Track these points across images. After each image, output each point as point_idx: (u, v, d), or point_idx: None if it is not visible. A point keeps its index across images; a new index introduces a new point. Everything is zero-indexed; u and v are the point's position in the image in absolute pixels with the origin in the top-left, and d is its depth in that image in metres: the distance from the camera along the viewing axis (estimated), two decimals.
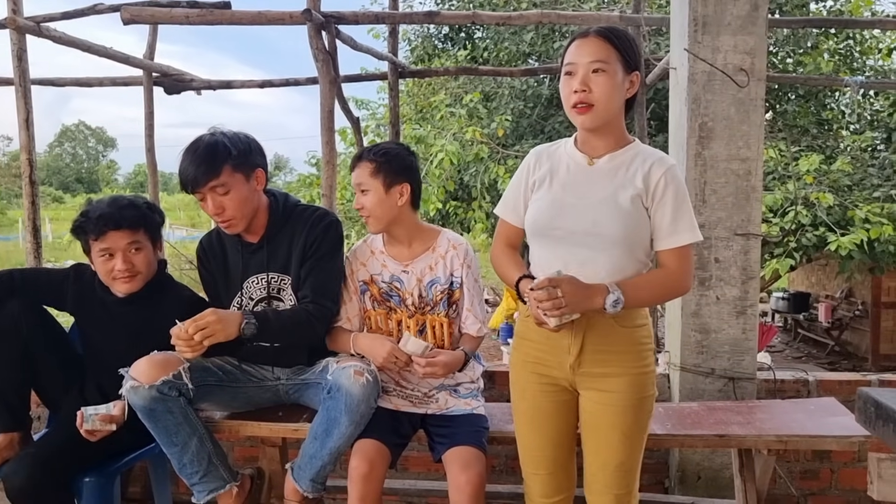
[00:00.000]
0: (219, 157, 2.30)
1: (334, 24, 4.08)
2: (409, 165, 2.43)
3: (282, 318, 2.35)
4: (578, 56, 1.92)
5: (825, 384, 3.20)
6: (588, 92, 1.89)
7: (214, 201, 2.32)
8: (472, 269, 2.45)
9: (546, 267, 1.96)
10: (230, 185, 2.31)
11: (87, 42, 4.56)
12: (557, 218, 1.96)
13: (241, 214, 2.36)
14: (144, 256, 2.49)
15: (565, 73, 1.94)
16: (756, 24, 3.00)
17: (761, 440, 2.43)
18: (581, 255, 1.94)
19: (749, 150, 3.04)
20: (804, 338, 12.83)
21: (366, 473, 2.20)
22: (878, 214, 6.99)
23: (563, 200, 1.97)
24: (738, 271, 3.07)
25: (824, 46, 9.57)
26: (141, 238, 2.48)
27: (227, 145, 2.33)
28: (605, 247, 1.92)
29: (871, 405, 1.59)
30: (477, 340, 2.51)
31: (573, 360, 1.99)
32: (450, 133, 8.72)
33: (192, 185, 2.30)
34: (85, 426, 2.35)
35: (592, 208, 1.93)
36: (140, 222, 2.48)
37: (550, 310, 1.82)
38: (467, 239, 2.56)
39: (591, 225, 1.92)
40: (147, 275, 2.50)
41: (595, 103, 1.90)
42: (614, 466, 2.01)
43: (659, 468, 3.27)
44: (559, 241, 1.96)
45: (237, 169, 2.33)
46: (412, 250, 2.46)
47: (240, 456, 3.39)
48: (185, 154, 2.33)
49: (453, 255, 2.44)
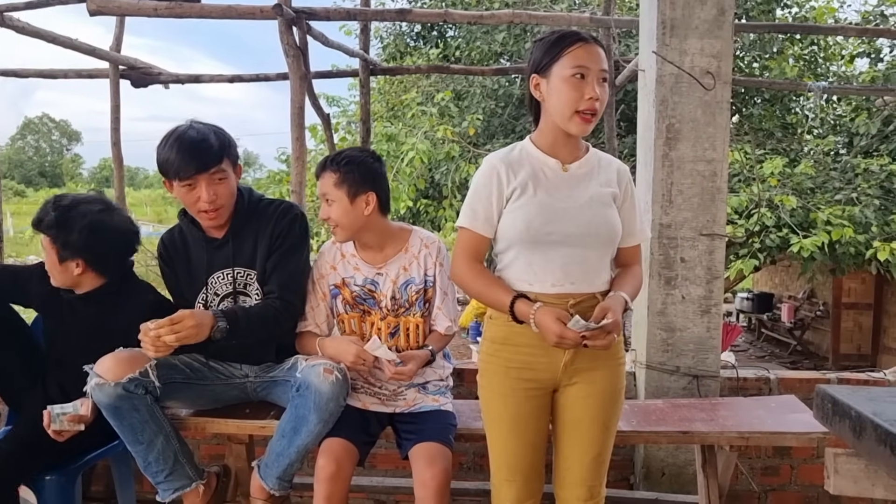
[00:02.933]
0: (221, 143, 2.34)
1: (305, 19, 4.06)
2: (374, 173, 2.37)
3: (250, 316, 2.33)
4: (590, 62, 1.89)
5: (786, 382, 3.26)
6: (599, 100, 1.90)
7: (210, 188, 2.30)
8: (445, 267, 2.43)
9: (544, 274, 1.97)
10: (227, 173, 2.35)
11: (51, 33, 4.49)
12: (552, 223, 1.95)
13: (228, 204, 2.37)
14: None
15: (575, 74, 1.89)
16: (723, 28, 3.06)
17: (724, 436, 2.47)
18: (578, 256, 1.96)
19: (715, 151, 3.09)
20: (767, 337, 13.08)
21: (333, 473, 2.19)
22: (840, 217, 7.15)
23: (553, 205, 1.96)
24: (704, 271, 3.12)
25: (789, 52, 9.77)
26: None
27: (223, 134, 2.37)
28: (598, 245, 1.98)
29: (829, 402, 1.63)
30: (445, 338, 2.50)
31: (568, 359, 2.00)
32: (421, 131, 8.73)
33: (197, 169, 2.27)
34: (53, 426, 2.30)
35: (584, 210, 1.97)
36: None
37: (600, 344, 1.89)
38: (438, 237, 2.54)
39: (585, 226, 1.96)
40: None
41: (598, 112, 1.92)
42: (591, 458, 2.03)
43: (624, 465, 3.31)
44: (554, 245, 1.96)
45: (231, 158, 2.39)
46: (385, 253, 2.44)
47: (206, 454, 3.36)
48: (178, 141, 2.29)
49: (426, 254, 2.43)
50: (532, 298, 1.95)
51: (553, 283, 1.97)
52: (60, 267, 2.43)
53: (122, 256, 2.54)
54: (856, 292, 11.28)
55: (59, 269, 2.43)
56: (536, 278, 1.98)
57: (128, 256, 2.57)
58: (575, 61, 1.89)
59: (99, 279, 2.47)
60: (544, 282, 1.97)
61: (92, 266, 2.44)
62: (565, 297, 1.96)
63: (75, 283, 2.47)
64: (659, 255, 3.10)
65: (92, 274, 2.46)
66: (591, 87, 1.88)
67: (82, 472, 2.55)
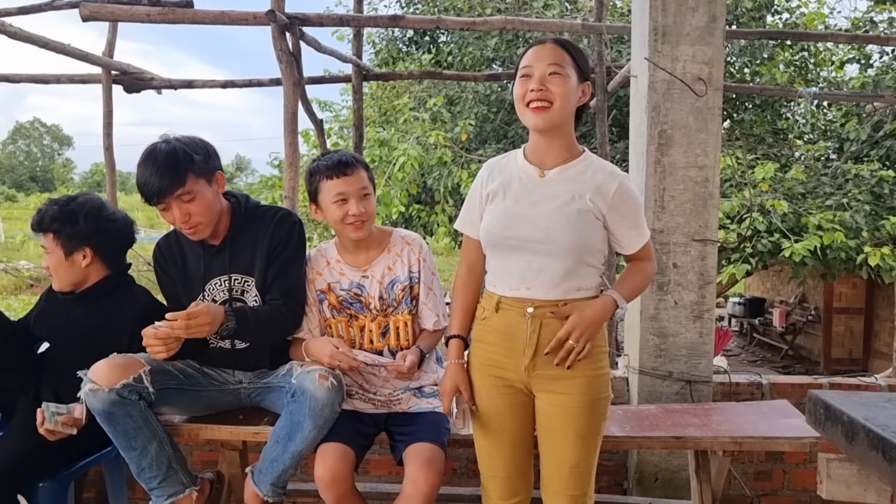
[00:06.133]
0: (182, 164, 2.26)
1: (298, 25, 4.07)
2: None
3: (258, 317, 2.34)
4: (536, 60, 1.98)
5: (778, 387, 3.28)
6: (545, 90, 1.95)
7: (181, 209, 2.28)
8: (428, 263, 2.48)
9: (504, 277, 2.06)
10: (195, 191, 2.28)
11: (43, 38, 4.48)
12: (509, 228, 2.01)
13: (207, 219, 2.34)
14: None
15: (521, 75, 1.99)
16: (714, 34, 3.08)
17: (716, 441, 2.48)
18: (536, 263, 1.99)
19: (707, 157, 3.11)
20: (759, 342, 13.12)
21: (332, 479, 2.20)
22: (831, 221, 7.19)
23: (515, 211, 2.02)
24: (696, 276, 3.14)
25: (780, 57, 9.82)
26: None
27: (187, 151, 2.29)
28: (559, 254, 1.98)
29: (821, 407, 1.64)
30: (435, 335, 2.50)
31: (528, 362, 2.02)
32: (413, 136, 8.74)
33: (158, 196, 2.26)
34: (46, 425, 2.30)
35: (544, 217, 1.98)
36: None
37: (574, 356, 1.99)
38: (431, 242, 2.56)
39: (543, 233, 1.97)
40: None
41: (553, 101, 1.95)
42: (569, 468, 2.04)
43: (617, 470, 3.32)
44: (512, 251, 2.02)
45: (200, 174, 2.30)
46: (368, 255, 2.46)
47: (199, 460, 3.35)
48: (144, 164, 2.28)
49: (409, 252, 2.46)
50: (492, 302, 2.07)
51: (510, 287, 2.05)
52: (67, 262, 2.44)
53: (124, 245, 2.58)
54: (847, 297, 11.34)
55: (66, 265, 2.44)
56: (498, 280, 2.08)
57: (129, 246, 2.60)
58: (523, 63, 2.01)
59: (104, 270, 2.50)
60: (504, 285, 2.06)
61: (99, 253, 2.47)
62: (523, 302, 2.02)
63: (82, 278, 2.47)
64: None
65: (98, 264, 2.48)
66: (535, 81, 1.96)
67: (75, 479, 2.55)
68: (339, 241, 2.49)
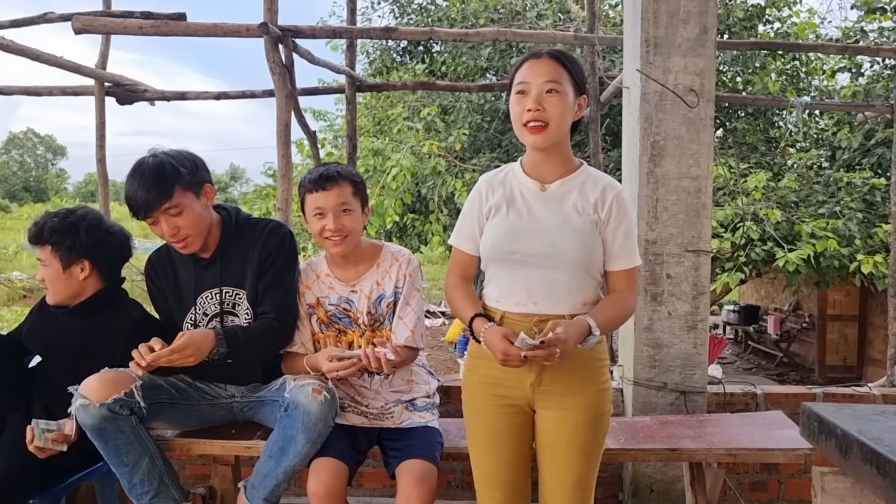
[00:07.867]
0: (168, 178, 2.26)
1: (291, 37, 4.07)
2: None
3: (249, 336, 2.32)
4: (532, 76, 1.95)
5: (772, 397, 3.28)
6: (542, 111, 1.92)
7: (168, 223, 2.28)
8: (413, 278, 2.45)
9: (509, 293, 2.00)
10: (183, 204, 2.28)
11: (36, 50, 4.47)
12: (515, 242, 1.99)
13: (196, 232, 2.33)
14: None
15: (517, 91, 1.97)
16: (705, 46, 3.09)
17: (712, 453, 2.48)
18: (543, 277, 1.97)
19: (699, 168, 3.11)
20: (754, 349, 13.13)
21: (325, 494, 2.19)
22: (824, 230, 7.22)
23: (521, 225, 2.00)
24: (689, 287, 3.14)
25: (772, 67, 9.89)
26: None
27: (173, 164, 2.29)
28: (566, 267, 1.96)
29: (815, 420, 1.64)
30: (407, 352, 2.38)
31: (534, 378, 2.00)
32: (407, 146, 8.75)
33: (145, 210, 2.26)
34: (35, 442, 2.27)
35: (550, 231, 1.97)
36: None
37: (544, 360, 1.85)
38: (425, 251, 2.56)
39: (550, 247, 1.96)
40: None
41: (549, 122, 1.93)
42: (572, 483, 2.02)
43: (613, 482, 3.31)
44: (519, 265, 1.99)
45: (188, 188, 2.30)
46: (357, 270, 2.45)
47: (191, 474, 3.32)
48: (131, 179, 2.28)
49: (397, 268, 2.44)
50: (494, 318, 2.00)
51: (517, 303, 2.00)
52: (64, 275, 2.43)
53: (122, 258, 2.57)
54: (841, 304, 11.35)
55: (63, 279, 2.43)
56: (503, 296, 2.03)
57: (126, 259, 2.59)
58: (518, 79, 1.97)
59: (99, 283, 2.49)
60: (509, 300, 2.01)
61: (98, 266, 2.46)
62: (529, 317, 1.97)
63: (78, 291, 2.46)
64: (645, 271, 3.11)
65: (95, 278, 2.47)
66: (532, 100, 1.92)
67: (66, 494, 2.53)
68: (328, 254, 2.49)
